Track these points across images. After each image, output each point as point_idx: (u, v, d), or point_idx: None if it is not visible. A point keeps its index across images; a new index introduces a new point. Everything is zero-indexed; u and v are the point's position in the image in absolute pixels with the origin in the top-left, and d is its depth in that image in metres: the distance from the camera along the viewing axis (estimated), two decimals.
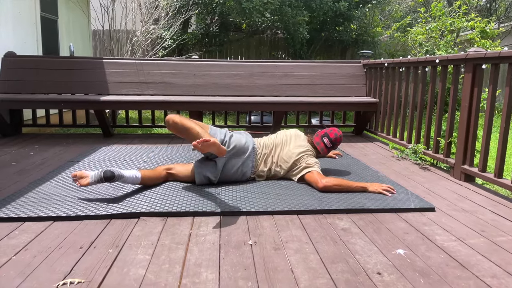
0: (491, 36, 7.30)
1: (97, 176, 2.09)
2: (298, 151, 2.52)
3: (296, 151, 2.52)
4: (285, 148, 2.57)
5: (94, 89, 4.23)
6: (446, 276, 1.44)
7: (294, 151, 2.53)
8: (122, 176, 2.16)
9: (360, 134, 4.66)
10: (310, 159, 2.51)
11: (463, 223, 1.97)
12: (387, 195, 2.31)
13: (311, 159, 2.52)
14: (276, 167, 2.56)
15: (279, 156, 2.56)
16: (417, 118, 3.43)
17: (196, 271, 1.43)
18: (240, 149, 2.45)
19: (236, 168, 2.45)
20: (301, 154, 2.52)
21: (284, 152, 2.56)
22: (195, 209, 2.01)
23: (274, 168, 2.56)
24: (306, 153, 2.54)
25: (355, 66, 4.62)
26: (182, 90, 4.33)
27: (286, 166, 2.53)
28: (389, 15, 11.60)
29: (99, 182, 2.10)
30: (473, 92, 2.65)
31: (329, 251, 1.62)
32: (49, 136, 4.22)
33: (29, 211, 1.94)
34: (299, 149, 2.53)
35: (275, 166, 2.56)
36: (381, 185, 2.38)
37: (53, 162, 3.03)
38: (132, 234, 1.74)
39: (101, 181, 2.10)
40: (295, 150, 2.53)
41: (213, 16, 8.39)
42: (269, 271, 1.44)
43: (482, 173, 2.56)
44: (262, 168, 2.55)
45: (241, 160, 2.46)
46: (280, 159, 2.55)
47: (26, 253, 1.55)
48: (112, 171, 2.11)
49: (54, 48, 5.62)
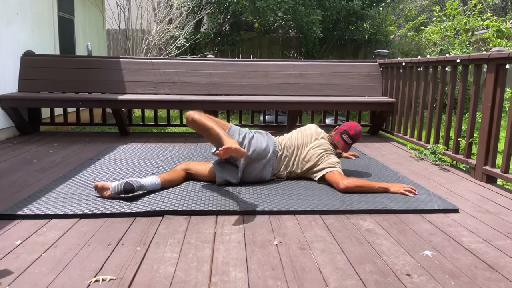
0: (506, 35, 7.19)
1: (117, 188, 2.08)
2: (318, 151, 2.51)
3: (316, 152, 2.51)
4: (306, 148, 2.56)
5: (111, 88, 4.27)
6: (476, 278, 1.42)
7: (315, 152, 2.52)
8: (142, 186, 2.17)
9: (375, 134, 4.63)
10: (331, 158, 2.50)
11: (489, 224, 1.95)
12: (409, 195, 2.29)
13: (332, 158, 2.51)
14: (297, 169, 2.56)
15: (300, 157, 2.55)
16: (436, 119, 3.39)
17: (224, 270, 1.44)
18: (260, 153, 2.43)
19: (256, 173, 2.45)
20: (322, 154, 2.51)
21: (304, 153, 2.55)
22: (218, 208, 2.02)
23: (295, 170, 2.56)
24: (327, 153, 2.53)
25: (371, 65, 4.58)
26: (198, 89, 4.35)
27: (307, 166, 2.53)
28: (402, 14, 11.49)
29: (119, 194, 2.09)
30: (496, 92, 2.61)
31: (355, 251, 1.62)
32: (66, 134, 4.27)
33: (55, 208, 1.97)
34: (319, 149, 2.52)
35: (295, 168, 2.56)
36: (403, 186, 2.36)
37: (73, 160, 3.07)
38: (158, 232, 1.76)
39: (121, 193, 2.09)
40: (315, 151, 2.52)
41: (226, 15, 8.41)
42: (297, 271, 1.45)
43: (505, 174, 2.52)
44: (283, 170, 2.55)
45: (261, 165, 2.45)
46: (301, 161, 2.55)
47: (56, 250, 1.57)
48: (132, 183, 2.10)
49: (71, 47, 5.68)
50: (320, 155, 2.50)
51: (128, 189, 2.09)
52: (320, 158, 2.50)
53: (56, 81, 4.24)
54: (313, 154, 2.51)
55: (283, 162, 2.54)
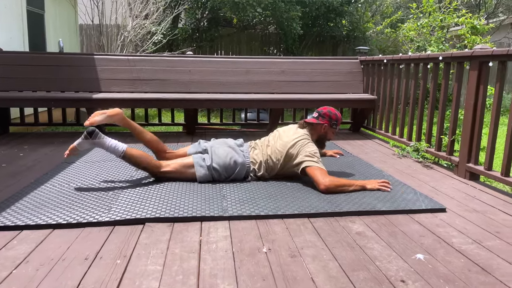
0: (481, 32, 7.35)
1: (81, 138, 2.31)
2: (292, 137, 2.45)
3: (289, 139, 2.45)
4: (279, 141, 2.51)
5: (85, 87, 4.08)
6: (471, 282, 1.40)
7: (288, 139, 2.46)
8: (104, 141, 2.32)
9: (357, 131, 4.63)
10: (308, 147, 2.41)
11: (477, 224, 1.94)
12: (386, 190, 2.31)
13: (309, 146, 2.41)
14: (274, 159, 2.47)
15: (274, 148, 2.49)
16: (418, 116, 3.40)
17: (212, 283, 1.35)
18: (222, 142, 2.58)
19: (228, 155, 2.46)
20: (296, 140, 2.43)
21: (278, 144, 2.49)
22: (203, 214, 1.92)
23: (272, 160, 2.48)
24: (302, 139, 2.44)
25: (352, 62, 4.57)
26: (177, 87, 4.22)
27: (282, 155, 2.44)
28: (379, 11, 11.61)
29: (84, 140, 2.31)
30: (479, 90, 2.62)
31: (347, 257, 1.56)
32: (37, 135, 4.06)
33: (27, 218, 1.83)
34: (293, 136, 2.47)
35: (271, 159, 2.48)
36: (377, 181, 2.37)
37: (45, 164, 2.90)
38: (139, 242, 1.65)
39: (85, 138, 2.30)
40: (288, 139, 2.46)
41: (204, 10, 8.24)
42: (289, 281, 1.38)
43: (488, 171, 2.54)
44: (259, 157, 2.50)
45: (230, 148, 2.50)
46: (274, 150, 2.48)
47: (28, 265, 1.44)
48: (94, 129, 2.33)
49: (41, 43, 5.41)
50: (294, 141, 2.42)
51: (90, 131, 2.30)
52: (294, 144, 2.41)
53: (26, 79, 4.01)
54: (286, 142, 2.45)
55: (255, 149, 2.55)
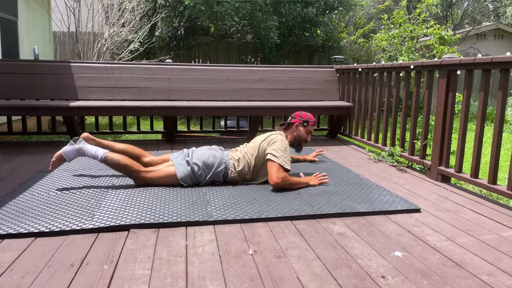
0: (448, 42, 7.73)
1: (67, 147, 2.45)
2: (265, 135, 2.61)
3: (263, 136, 2.60)
4: (255, 141, 2.64)
5: (61, 94, 4.02)
6: (446, 276, 1.48)
7: (262, 137, 2.62)
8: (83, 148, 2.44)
9: (334, 137, 4.75)
10: (278, 143, 2.50)
11: (449, 222, 2.05)
12: (325, 182, 2.57)
13: (278, 142, 2.51)
14: (249, 155, 2.58)
15: (250, 146, 2.64)
16: (392, 122, 3.54)
17: (201, 285, 1.38)
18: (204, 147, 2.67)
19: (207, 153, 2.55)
20: (268, 135, 2.59)
21: (254, 142, 2.63)
22: (187, 219, 1.95)
23: (248, 156, 2.58)
24: (274, 135, 2.58)
25: (328, 71, 4.71)
26: (156, 94, 4.21)
27: (256, 149, 2.56)
28: (352, 21, 11.97)
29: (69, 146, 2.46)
30: (448, 97, 2.77)
31: (330, 256, 1.62)
32: (11, 145, 3.95)
33: (7, 227, 1.79)
34: (267, 134, 2.62)
35: (247, 156, 2.58)
36: (315, 178, 2.59)
37: (22, 173, 2.83)
38: (125, 248, 1.66)
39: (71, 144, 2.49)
40: (262, 137, 2.61)
41: (181, 19, 8.26)
42: (276, 280, 1.42)
43: (459, 173, 2.68)
44: (237, 155, 2.60)
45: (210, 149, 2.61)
46: (250, 147, 2.62)
47: (12, 273, 1.42)
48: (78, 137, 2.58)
49: (14, 51, 5.28)
50: (266, 136, 2.57)
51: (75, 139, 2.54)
52: (266, 138, 2.56)
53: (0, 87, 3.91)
54: (258, 139, 2.60)
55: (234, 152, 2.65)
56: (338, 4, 8.80)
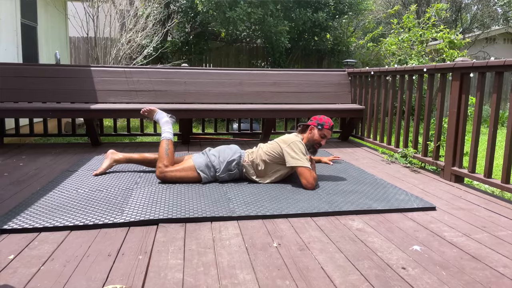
0: (458, 46, 7.76)
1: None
2: (280, 138, 2.72)
3: (278, 139, 2.72)
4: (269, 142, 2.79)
5: (81, 98, 4.15)
6: (464, 268, 1.55)
7: (277, 138, 2.74)
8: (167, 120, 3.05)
9: (346, 139, 4.82)
10: (295, 144, 2.61)
11: (464, 220, 2.11)
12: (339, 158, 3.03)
13: (295, 144, 2.61)
14: (265, 151, 2.69)
15: (265, 145, 2.75)
16: (405, 124, 3.61)
17: (232, 273, 1.47)
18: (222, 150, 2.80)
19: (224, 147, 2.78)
20: (284, 136, 2.70)
21: (269, 142, 2.77)
22: (212, 214, 2.04)
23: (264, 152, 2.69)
24: (289, 136, 2.68)
25: (341, 74, 4.79)
26: (172, 98, 4.33)
27: (271, 147, 2.68)
28: (361, 26, 12.04)
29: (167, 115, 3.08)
30: (461, 99, 2.84)
31: (351, 249, 1.70)
32: (32, 146, 4.09)
33: (43, 221, 1.90)
34: (282, 137, 2.73)
35: (263, 152, 2.69)
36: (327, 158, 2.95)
37: (47, 173, 2.95)
38: (157, 240, 1.75)
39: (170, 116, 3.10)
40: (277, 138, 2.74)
41: (194, 24, 8.42)
42: (302, 270, 1.50)
43: (472, 173, 2.74)
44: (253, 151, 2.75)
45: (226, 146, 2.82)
46: (266, 145, 2.74)
47: (54, 262, 1.52)
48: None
49: (34, 55, 5.45)
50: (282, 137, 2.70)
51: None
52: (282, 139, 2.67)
53: (21, 90, 4.05)
54: (274, 142, 2.71)
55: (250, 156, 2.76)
56: (348, 9, 8.89)
